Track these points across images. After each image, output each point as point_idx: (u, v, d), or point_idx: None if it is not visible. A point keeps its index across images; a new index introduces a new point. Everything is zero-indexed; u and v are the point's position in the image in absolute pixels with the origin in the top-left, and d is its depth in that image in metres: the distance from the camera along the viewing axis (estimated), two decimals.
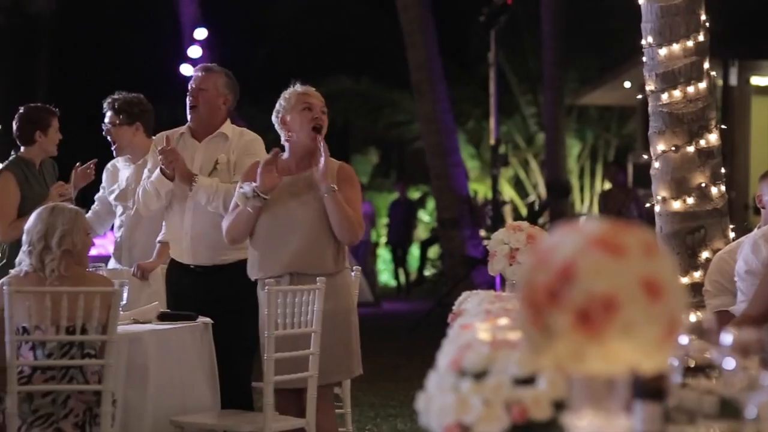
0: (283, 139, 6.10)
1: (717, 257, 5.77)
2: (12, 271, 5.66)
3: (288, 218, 5.90)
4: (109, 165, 7.53)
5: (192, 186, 6.38)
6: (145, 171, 6.74)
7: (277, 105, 6.07)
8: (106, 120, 7.28)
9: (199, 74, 6.71)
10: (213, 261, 6.44)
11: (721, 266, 5.59)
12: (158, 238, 7.06)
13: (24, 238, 5.53)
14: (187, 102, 6.68)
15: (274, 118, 6.08)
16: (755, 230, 5.55)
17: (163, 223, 6.85)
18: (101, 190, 7.53)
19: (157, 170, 6.50)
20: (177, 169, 6.39)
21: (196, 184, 6.37)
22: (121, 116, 7.25)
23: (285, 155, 6.07)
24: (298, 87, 6.09)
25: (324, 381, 5.87)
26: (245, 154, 6.51)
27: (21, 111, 7.36)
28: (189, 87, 6.68)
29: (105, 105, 7.31)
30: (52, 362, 5.29)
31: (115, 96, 7.33)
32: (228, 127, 6.67)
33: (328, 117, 6.10)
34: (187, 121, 6.75)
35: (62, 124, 7.45)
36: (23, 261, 5.50)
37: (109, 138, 7.31)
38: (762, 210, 5.72)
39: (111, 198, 7.39)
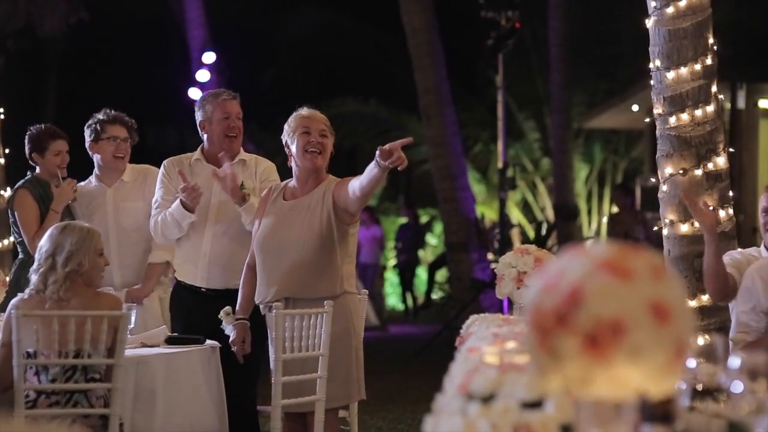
0: (289, 162, 6.12)
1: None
2: (29, 289, 5.57)
3: (283, 243, 5.89)
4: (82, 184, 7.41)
5: (243, 203, 6.36)
6: (155, 196, 6.72)
7: (284, 130, 6.09)
8: (120, 135, 7.22)
9: (234, 102, 6.70)
10: (226, 285, 6.45)
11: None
12: (150, 260, 7.06)
13: (36, 256, 5.53)
14: (224, 129, 6.64)
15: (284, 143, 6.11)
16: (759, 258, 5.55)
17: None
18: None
19: (177, 203, 6.49)
20: (230, 189, 6.34)
21: (247, 203, 6.34)
22: (132, 136, 7.26)
23: (294, 180, 6.09)
24: (302, 110, 6.09)
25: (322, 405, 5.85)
26: (267, 181, 6.53)
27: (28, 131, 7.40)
28: (224, 114, 6.64)
29: (109, 118, 7.20)
30: (59, 386, 5.28)
31: (125, 117, 7.28)
32: (244, 153, 6.69)
33: (334, 139, 6.11)
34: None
35: (70, 146, 7.41)
36: (31, 280, 5.48)
37: (120, 155, 7.24)
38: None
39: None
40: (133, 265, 7.11)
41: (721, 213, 6.33)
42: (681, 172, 6.34)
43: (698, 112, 6.34)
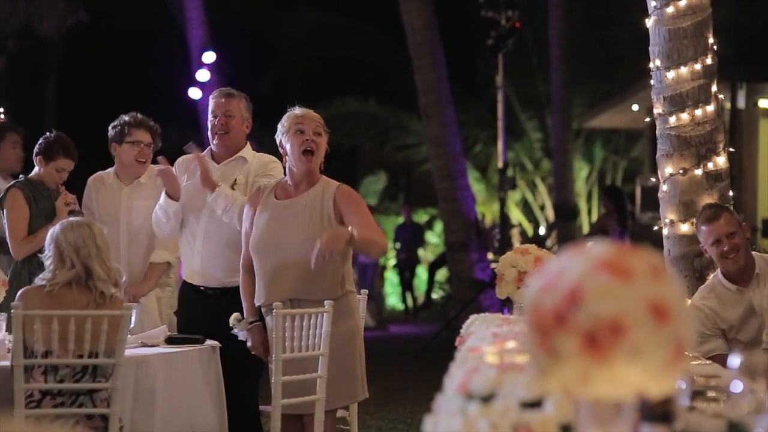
0: (284, 162, 6.11)
1: (691, 307, 5.73)
2: (42, 281, 5.49)
3: (284, 244, 5.85)
4: (92, 180, 7.38)
5: (213, 192, 6.36)
6: (162, 195, 6.72)
7: (277, 129, 6.07)
8: (144, 140, 7.20)
9: (222, 100, 6.70)
10: (223, 283, 6.45)
11: (697, 316, 5.62)
12: (151, 259, 7.05)
13: (71, 248, 5.41)
14: (212, 127, 6.69)
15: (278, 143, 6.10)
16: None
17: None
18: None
19: (163, 193, 6.54)
20: (201, 176, 6.36)
21: (218, 190, 6.34)
22: (155, 141, 7.24)
23: (288, 180, 6.06)
24: (296, 109, 6.07)
25: (326, 406, 5.83)
26: (262, 175, 6.53)
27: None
28: (213, 113, 6.69)
29: (135, 121, 7.19)
30: (59, 386, 5.26)
31: (151, 121, 7.27)
32: (248, 152, 6.69)
33: (333, 139, 6.10)
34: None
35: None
36: (60, 268, 5.39)
37: (142, 160, 7.21)
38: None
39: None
40: (141, 264, 7.10)
41: None
42: (681, 171, 6.34)
43: (698, 112, 6.35)
